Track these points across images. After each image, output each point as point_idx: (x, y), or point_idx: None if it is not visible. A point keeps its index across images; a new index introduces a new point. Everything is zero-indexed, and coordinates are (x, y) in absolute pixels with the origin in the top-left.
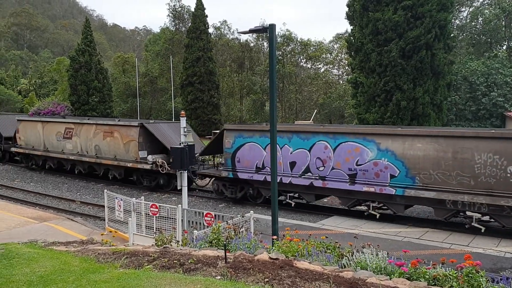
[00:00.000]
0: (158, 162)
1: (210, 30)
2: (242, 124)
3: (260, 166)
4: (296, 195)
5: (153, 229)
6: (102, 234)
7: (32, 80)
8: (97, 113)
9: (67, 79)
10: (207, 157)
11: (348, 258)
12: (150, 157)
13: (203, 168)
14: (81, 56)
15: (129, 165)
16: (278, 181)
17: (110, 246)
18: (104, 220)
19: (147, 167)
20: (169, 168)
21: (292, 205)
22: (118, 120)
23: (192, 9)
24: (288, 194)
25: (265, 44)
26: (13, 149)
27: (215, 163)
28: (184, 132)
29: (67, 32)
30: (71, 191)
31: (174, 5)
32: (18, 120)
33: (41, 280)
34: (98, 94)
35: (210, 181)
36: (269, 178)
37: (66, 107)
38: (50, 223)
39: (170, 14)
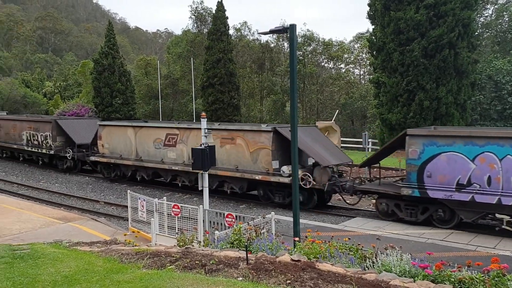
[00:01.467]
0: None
1: (231, 31)
2: (434, 128)
3: (464, 183)
4: None
5: (175, 230)
6: (125, 235)
7: (57, 82)
8: (120, 115)
9: (91, 81)
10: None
11: (371, 260)
12: (285, 168)
13: (354, 182)
14: (105, 59)
15: (258, 177)
16: (493, 202)
17: (133, 246)
18: (127, 220)
19: (284, 180)
20: (314, 183)
21: None
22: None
23: (214, 11)
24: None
25: (286, 44)
26: (92, 158)
27: (370, 176)
28: (205, 133)
29: (90, 35)
30: (95, 192)
31: (196, 7)
32: (100, 125)
33: (65, 280)
34: (121, 96)
35: (359, 198)
36: (478, 198)
37: (90, 109)
38: (75, 223)
39: (192, 16)
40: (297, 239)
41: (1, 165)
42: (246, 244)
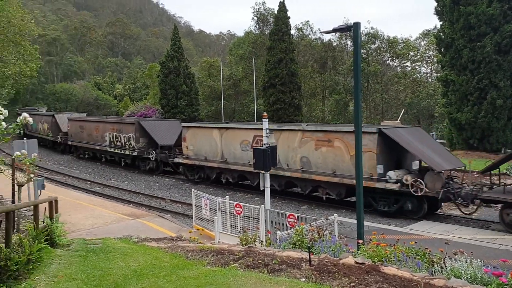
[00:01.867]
0: (406, 180)
1: (292, 31)
2: None
3: None
4: None
5: (237, 228)
6: (190, 232)
7: (126, 85)
8: (185, 116)
9: (158, 84)
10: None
11: (439, 265)
12: (392, 174)
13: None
14: (170, 62)
15: None
16: None
17: (197, 243)
18: (192, 218)
19: (391, 187)
20: (427, 190)
21: None
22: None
23: (276, 12)
24: None
25: (349, 43)
26: (176, 159)
27: (491, 182)
28: (267, 133)
29: (157, 39)
30: (162, 190)
31: (258, 9)
32: (184, 126)
33: (135, 274)
34: (186, 97)
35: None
36: None
37: (157, 110)
38: (143, 219)
39: (254, 18)
40: (361, 241)
41: (76, 163)
42: (308, 245)
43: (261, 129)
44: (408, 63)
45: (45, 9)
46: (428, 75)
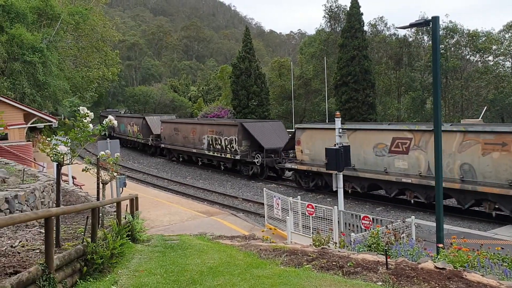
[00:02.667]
0: None
1: (365, 27)
2: None
3: None
4: None
5: (309, 229)
6: (262, 231)
7: (200, 87)
8: (255, 116)
9: (230, 85)
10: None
11: None
12: None
13: None
14: (242, 63)
15: None
16: None
17: (270, 243)
18: (263, 217)
19: None
20: None
21: None
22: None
23: (348, 9)
24: None
25: (426, 38)
26: (288, 165)
27: None
28: (340, 133)
29: (229, 41)
30: (234, 188)
31: (330, 6)
32: (299, 128)
33: (210, 271)
34: (256, 98)
35: None
36: None
37: (229, 111)
38: (217, 217)
39: (326, 15)
40: (441, 245)
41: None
42: (385, 248)
43: (403, 130)
44: (491, 58)
45: (125, 16)
46: None
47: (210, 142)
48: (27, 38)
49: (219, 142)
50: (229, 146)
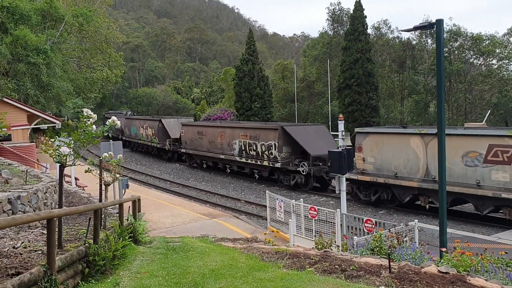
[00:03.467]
0: None
1: (369, 30)
2: None
3: None
4: None
5: (312, 232)
6: (265, 234)
7: (203, 89)
8: (258, 118)
9: (233, 87)
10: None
11: None
12: None
13: None
14: (245, 65)
15: None
16: None
17: (272, 245)
18: (266, 219)
19: None
20: None
21: None
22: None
23: (351, 11)
24: None
25: (429, 41)
26: (350, 175)
27: None
28: (343, 135)
29: (232, 43)
30: (236, 191)
31: (333, 9)
32: (360, 132)
33: (212, 273)
34: (259, 100)
35: None
36: None
37: (232, 113)
38: (219, 219)
39: (329, 18)
40: (444, 249)
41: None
42: (388, 252)
43: (505, 136)
44: (494, 61)
45: (128, 18)
46: None
47: (243, 148)
48: (31, 40)
49: (254, 148)
50: (266, 152)
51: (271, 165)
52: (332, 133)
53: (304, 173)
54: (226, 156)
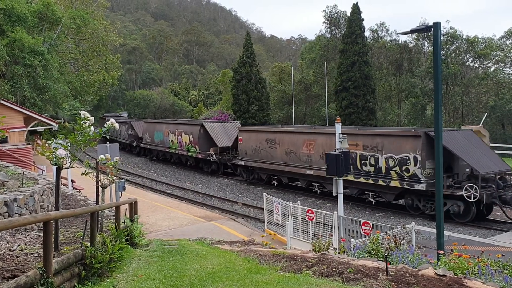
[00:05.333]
0: None
1: (366, 33)
2: None
3: None
4: None
5: (309, 234)
6: (262, 236)
7: (200, 91)
8: (256, 120)
9: (230, 89)
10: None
11: None
12: None
13: None
14: (242, 68)
15: None
16: None
17: (269, 248)
18: (263, 222)
19: None
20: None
21: None
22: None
23: (348, 14)
24: None
25: (426, 44)
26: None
27: None
28: (340, 138)
29: (229, 45)
30: (234, 193)
31: (330, 12)
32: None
33: (209, 276)
34: (257, 102)
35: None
36: None
37: (229, 115)
38: (216, 222)
39: (326, 21)
40: (441, 252)
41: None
42: (385, 254)
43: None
44: (491, 64)
45: (126, 20)
46: None
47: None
48: (28, 42)
49: (372, 162)
50: (396, 168)
51: (405, 186)
52: None
53: (474, 200)
54: (317, 171)
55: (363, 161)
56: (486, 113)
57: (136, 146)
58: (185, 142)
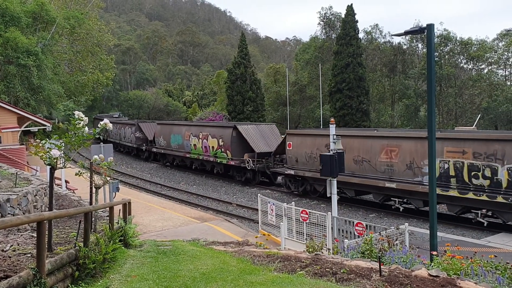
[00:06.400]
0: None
1: (361, 35)
2: None
3: None
4: None
5: (303, 235)
6: (256, 237)
7: (195, 92)
8: (250, 121)
9: (225, 90)
10: None
11: None
12: None
13: None
14: (237, 69)
15: None
16: None
17: (264, 249)
18: (258, 223)
19: None
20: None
21: None
22: None
23: (343, 16)
24: None
25: (420, 45)
26: None
27: None
28: (334, 139)
29: (224, 46)
30: (228, 194)
31: (325, 13)
32: None
33: (203, 277)
34: (252, 103)
35: None
36: None
37: (224, 116)
38: (210, 223)
39: (321, 23)
40: (434, 253)
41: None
42: (378, 255)
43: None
44: (484, 66)
45: (120, 20)
46: (507, 78)
47: (452, 172)
48: (22, 42)
49: (487, 174)
50: None
51: None
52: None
53: None
54: (402, 184)
55: (473, 173)
56: (480, 115)
57: (146, 150)
58: (212, 147)
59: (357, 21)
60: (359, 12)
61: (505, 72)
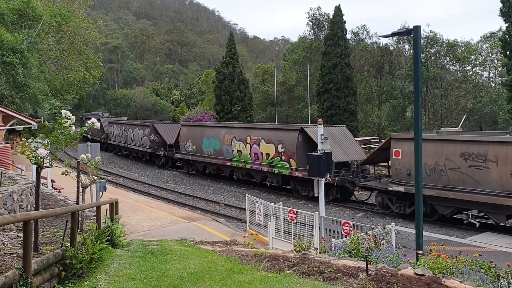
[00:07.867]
0: None
1: (348, 35)
2: None
3: None
4: None
5: (291, 234)
6: (244, 237)
7: (182, 91)
8: (239, 121)
9: (213, 89)
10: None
11: (506, 280)
12: None
13: None
14: (225, 68)
15: None
16: None
17: (251, 248)
18: (245, 222)
19: None
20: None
21: None
22: None
23: (331, 16)
24: None
25: (407, 47)
26: None
27: None
28: (322, 139)
29: (212, 46)
30: (216, 194)
31: (313, 14)
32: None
33: (191, 276)
34: (240, 103)
35: None
36: None
37: (212, 115)
38: (198, 223)
39: (309, 23)
40: (420, 252)
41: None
42: (365, 254)
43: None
44: (469, 67)
45: (108, 18)
46: (491, 79)
47: None
48: (7, 39)
49: None
50: None
51: None
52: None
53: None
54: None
55: None
56: (465, 116)
57: (163, 156)
58: (267, 154)
59: (345, 22)
60: (347, 13)
61: (490, 73)
